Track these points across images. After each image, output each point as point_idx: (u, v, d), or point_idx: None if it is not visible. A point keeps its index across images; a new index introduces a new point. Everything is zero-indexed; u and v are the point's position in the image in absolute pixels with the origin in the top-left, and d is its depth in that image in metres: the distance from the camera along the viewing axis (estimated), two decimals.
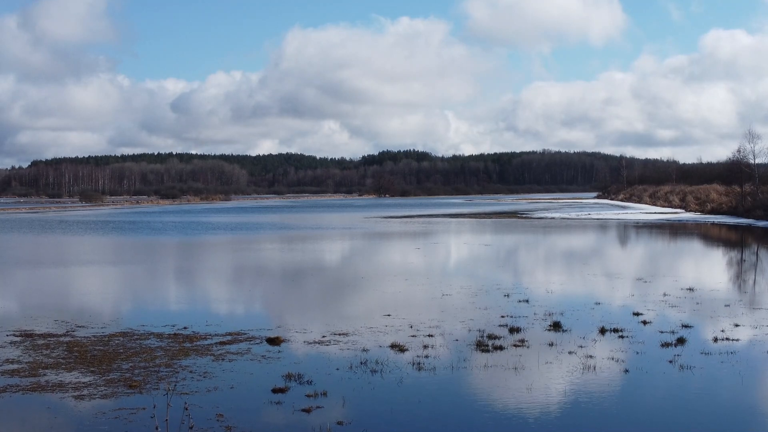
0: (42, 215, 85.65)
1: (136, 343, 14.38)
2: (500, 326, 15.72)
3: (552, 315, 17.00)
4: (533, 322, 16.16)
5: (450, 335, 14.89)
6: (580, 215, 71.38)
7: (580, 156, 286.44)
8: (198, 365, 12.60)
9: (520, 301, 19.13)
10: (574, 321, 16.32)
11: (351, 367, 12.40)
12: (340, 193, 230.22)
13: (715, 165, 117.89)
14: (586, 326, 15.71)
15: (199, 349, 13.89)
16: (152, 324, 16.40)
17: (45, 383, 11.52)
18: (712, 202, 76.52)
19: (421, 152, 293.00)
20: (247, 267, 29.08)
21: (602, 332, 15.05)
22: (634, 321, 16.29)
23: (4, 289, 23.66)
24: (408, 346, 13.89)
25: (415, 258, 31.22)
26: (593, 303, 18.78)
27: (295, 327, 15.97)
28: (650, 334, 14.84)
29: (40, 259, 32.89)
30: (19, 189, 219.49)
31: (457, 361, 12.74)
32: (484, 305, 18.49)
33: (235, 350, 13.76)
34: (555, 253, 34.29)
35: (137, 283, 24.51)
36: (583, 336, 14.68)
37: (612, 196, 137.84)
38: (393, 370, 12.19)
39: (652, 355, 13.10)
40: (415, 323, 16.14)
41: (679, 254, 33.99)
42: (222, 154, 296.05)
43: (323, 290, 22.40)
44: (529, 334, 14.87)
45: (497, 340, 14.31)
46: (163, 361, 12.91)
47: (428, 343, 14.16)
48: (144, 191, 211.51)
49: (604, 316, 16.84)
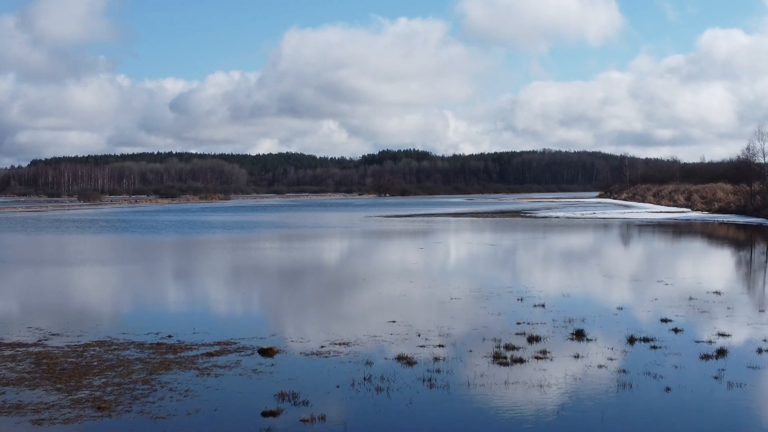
0: (37, 214, 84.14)
1: (113, 355, 12.88)
2: (517, 335, 14.23)
3: (572, 322, 15.51)
4: (553, 330, 14.67)
5: (463, 345, 13.40)
6: (585, 214, 69.88)
7: (581, 155, 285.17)
8: (179, 381, 11.11)
9: (535, 305, 17.64)
10: (597, 329, 14.83)
11: (353, 384, 10.91)
12: (340, 193, 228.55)
13: (720, 164, 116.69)
14: (611, 335, 14.22)
15: (183, 361, 12.39)
16: (134, 331, 14.91)
17: (1, 404, 10.03)
18: (719, 201, 75.05)
19: (421, 152, 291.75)
20: (241, 268, 27.58)
21: (631, 342, 13.56)
22: (664, 329, 14.80)
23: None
24: (417, 358, 12.40)
25: (418, 258, 29.73)
26: (615, 308, 17.29)
27: (291, 335, 14.49)
28: (685, 345, 13.35)
29: (21, 259, 31.38)
30: (19, 188, 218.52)
31: (473, 376, 11.25)
32: (497, 310, 17.00)
33: (223, 363, 12.27)
34: (565, 254, 32.80)
35: (122, 286, 23.00)
36: (611, 347, 13.18)
37: (614, 195, 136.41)
38: (401, 387, 10.70)
39: (693, 370, 11.61)
40: (422, 331, 14.66)
41: (696, 254, 32.48)
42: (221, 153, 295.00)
43: (322, 293, 20.90)
44: (551, 344, 13.38)
45: (516, 352, 12.82)
46: (141, 376, 11.41)
47: (439, 354, 12.67)
48: (143, 191, 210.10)
49: (630, 323, 15.35)
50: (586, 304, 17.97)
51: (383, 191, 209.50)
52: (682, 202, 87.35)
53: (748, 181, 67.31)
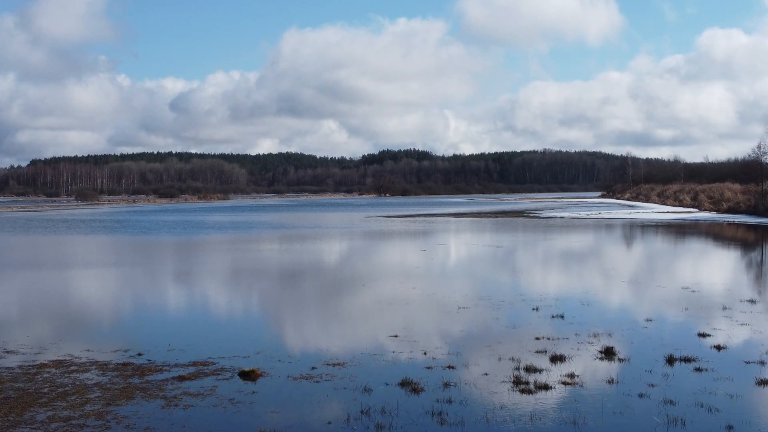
0: (31, 214, 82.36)
1: (69, 379, 11.05)
2: (538, 353, 12.41)
3: (598, 336, 13.68)
4: (578, 347, 12.84)
5: (476, 366, 11.57)
6: (591, 215, 68.02)
7: (581, 155, 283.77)
8: (140, 415, 9.28)
9: (553, 316, 15.81)
10: (627, 345, 13.01)
11: (348, 419, 9.08)
12: (340, 193, 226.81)
13: (726, 163, 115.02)
14: (645, 353, 12.40)
15: (149, 387, 10.55)
16: (100, 348, 13.09)
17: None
18: (728, 201, 73.17)
19: (421, 151, 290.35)
20: (229, 272, 25.73)
21: (670, 362, 11.73)
22: (704, 346, 12.96)
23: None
24: (423, 383, 10.58)
25: (421, 262, 27.90)
26: (642, 319, 15.45)
27: (279, 352, 12.65)
28: (734, 366, 11.50)
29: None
30: (17, 188, 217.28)
31: (492, 408, 9.42)
32: (512, 322, 15.18)
33: (196, 390, 10.43)
34: (577, 257, 30.96)
35: (95, 293, 21.10)
36: (649, 369, 11.35)
37: (617, 195, 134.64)
38: (406, 425, 8.87)
39: (754, 401, 9.78)
40: (429, 348, 12.83)
41: (716, 257, 30.57)
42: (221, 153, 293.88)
43: (316, 302, 19.04)
44: (578, 365, 11.55)
45: (539, 375, 10.99)
46: (96, 407, 9.58)
47: (449, 378, 10.84)
48: (143, 190, 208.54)
49: (663, 339, 13.53)
50: (610, 315, 16.15)
51: (383, 191, 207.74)
52: (688, 202, 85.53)
53: (758, 181, 65.58)
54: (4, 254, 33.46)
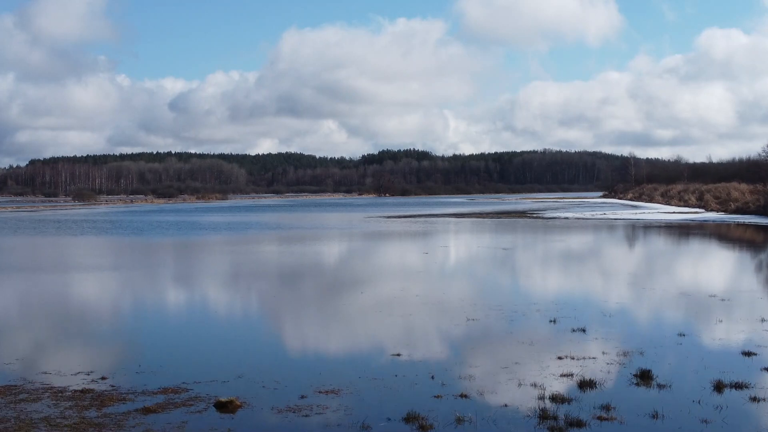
0: (26, 214, 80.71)
1: (13, 411, 9.36)
2: (563, 377, 10.72)
3: (628, 355, 12.00)
4: (608, 369, 11.16)
5: (493, 395, 9.89)
6: (595, 215, 66.32)
7: (581, 155, 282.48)
8: None
9: (573, 330, 14.13)
10: (665, 367, 11.32)
11: None
12: (339, 193, 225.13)
13: (731, 163, 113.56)
14: (688, 377, 10.72)
15: (106, 423, 8.86)
16: (60, 369, 11.40)
17: None
18: (735, 201, 71.49)
19: (421, 151, 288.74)
20: (216, 278, 24.02)
21: (719, 389, 10.04)
22: (753, 368, 11.26)
23: None
24: (432, 418, 8.89)
25: (424, 266, 26.22)
26: (674, 334, 13.76)
27: (263, 377, 10.95)
28: None
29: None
30: (16, 188, 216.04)
31: None
32: (528, 338, 13.49)
33: (162, 426, 8.74)
34: (588, 260, 29.27)
35: (67, 301, 19.27)
36: (696, 398, 9.66)
37: (619, 195, 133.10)
38: None
39: None
40: (437, 371, 11.14)
41: (737, 262, 28.80)
42: (221, 153, 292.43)
43: (309, 314, 17.30)
44: (612, 393, 9.87)
45: (568, 406, 9.31)
46: None
47: (463, 410, 9.15)
48: (141, 190, 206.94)
49: (704, 359, 11.83)
50: (636, 329, 14.47)
51: (383, 191, 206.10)
52: (693, 203, 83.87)
53: (767, 181, 64.05)
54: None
